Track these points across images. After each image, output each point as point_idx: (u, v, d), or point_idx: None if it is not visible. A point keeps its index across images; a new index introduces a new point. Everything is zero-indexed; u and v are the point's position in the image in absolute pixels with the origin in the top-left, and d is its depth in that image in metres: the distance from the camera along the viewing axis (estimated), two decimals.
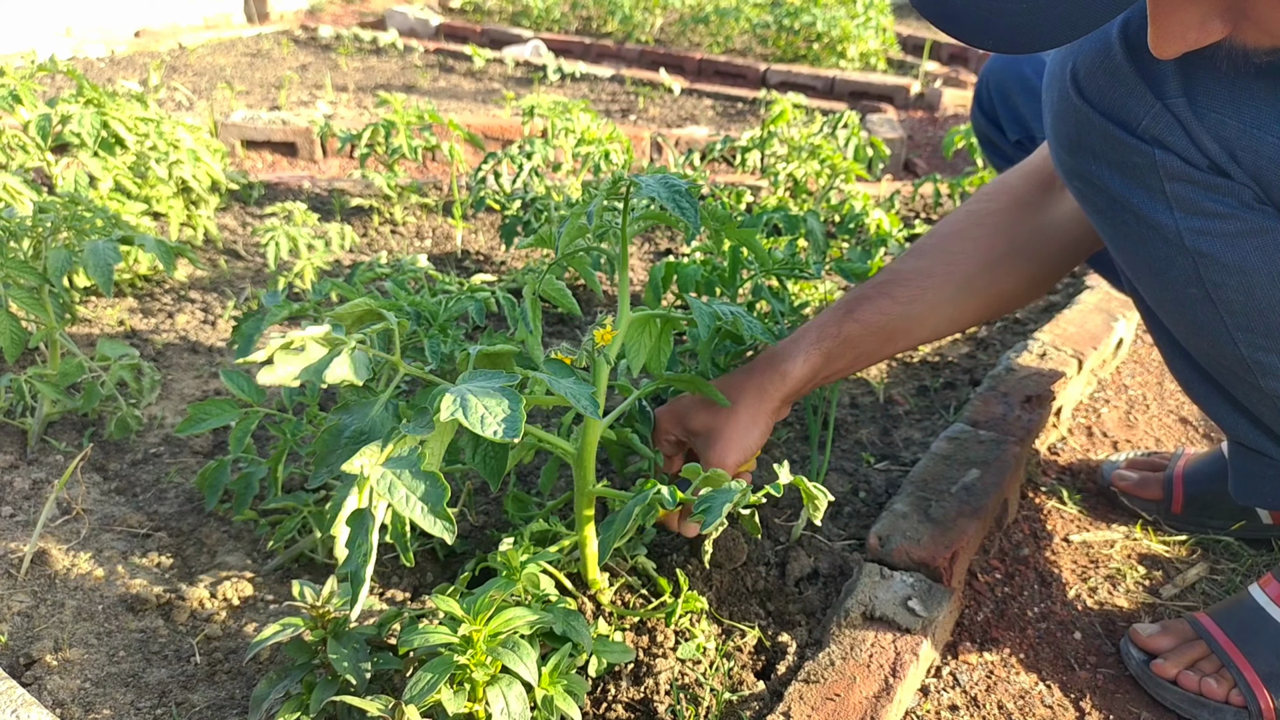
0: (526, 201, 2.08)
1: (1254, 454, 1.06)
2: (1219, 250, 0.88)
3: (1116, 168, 0.91)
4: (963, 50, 5.43)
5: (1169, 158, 0.86)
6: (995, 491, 1.34)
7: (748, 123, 3.99)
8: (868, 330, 1.19)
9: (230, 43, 5.17)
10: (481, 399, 0.74)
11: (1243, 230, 0.87)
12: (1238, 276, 0.89)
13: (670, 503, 0.90)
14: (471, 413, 0.73)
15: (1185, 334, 1.01)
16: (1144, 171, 0.89)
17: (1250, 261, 0.88)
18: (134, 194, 2.12)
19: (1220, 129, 0.83)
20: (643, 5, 5.58)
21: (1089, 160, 0.93)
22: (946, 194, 2.67)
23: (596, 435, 1.02)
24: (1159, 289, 0.98)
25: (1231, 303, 0.91)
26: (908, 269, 1.22)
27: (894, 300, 1.20)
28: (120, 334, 1.87)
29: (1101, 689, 1.14)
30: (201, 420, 1.18)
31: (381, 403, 0.87)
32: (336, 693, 0.87)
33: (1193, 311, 0.95)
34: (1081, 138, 0.92)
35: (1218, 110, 0.83)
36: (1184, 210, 0.88)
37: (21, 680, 1.02)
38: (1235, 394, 1.02)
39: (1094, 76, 0.89)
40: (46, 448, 1.48)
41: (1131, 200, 0.91)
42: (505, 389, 0.76)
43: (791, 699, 0.99)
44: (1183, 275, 0.92)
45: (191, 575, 1.23)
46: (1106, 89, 0.88)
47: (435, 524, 0.72)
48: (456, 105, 4.02)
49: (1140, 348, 2.06)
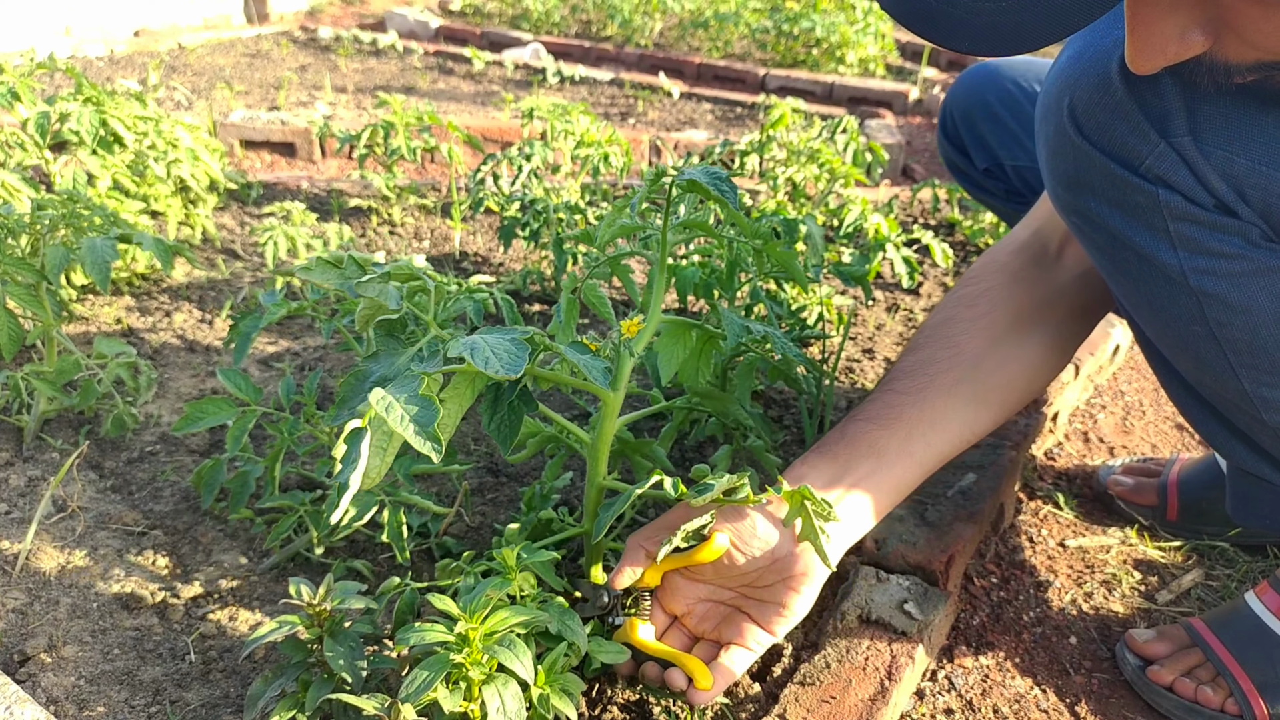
0: (525, 203, 2.08)
1: (1251, 478, 1.05)
2: (1224, 290, 0.86)
3: (1117, 206, 0.87)
4: (961, 57, 5.45)
5: (1173, 197, 0.83)
6: (991, 496, 1.34)
7: (747, 127, 4.00)
8: (875, 424, 1.04)
9: (230, 43, 5.17)
10: (491, 345, 0.79)
11: (1249, 270, 0.84)
12: (1243, 316, 0.86)
13: (672, 492, 0.91)
14: (478, 354, 0.77)
15: (1187, 369, 0.98)
16: (1147, 211, 0.85)
17: (1257, 301, 0.85)
18: (132, 192, 2.12)
19: (1228, 166, 0.80)
20: (642, 9, 5.59)
21: (1088, 197, 0.89)
22: (945, 199, 2.67)
23: (613, 424, 1.01)
24: (1160, 325, 0.95)
25: (1236, 341, 0.88)
26: (907, 364, 1.10)
27: (898, 393, 1.07)
28: (117, 332, 1.87)
29: (1097, 694, 1.14)
30: (199, 418, 1.18)
31: (409, 354, 0.88)
32: (332, 691, 0.87)
33: (1195, 348, 0.92)
34: (1080, 175, 0.89)
35: (1225, 147, 0.79)
36: (1188, 250, 0.85)
37: (16, 677, 1.02)
38: (1236, 423, 1.00)
39: (1093, 113, 0.85)
40: (42, 445, 1.47)
41: (1133, 239, 0.88)
42: (515, 340, 0.80)
43: (787, 701, 0.99)
44: (1185, 314, 0.89)
45: (187, 573, 1.23)
46: (1107, 126, 0.84)
47: (424, 444, 0.73)
48: (456, 107, 4.02)
49: (1136, 354, 2.07)
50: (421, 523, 1.27)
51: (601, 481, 1.04)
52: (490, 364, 0.77)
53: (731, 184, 0.95)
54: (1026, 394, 1.13)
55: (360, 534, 1.29)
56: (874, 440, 1.03)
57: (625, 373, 0.99)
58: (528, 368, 0.78)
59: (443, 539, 1.27)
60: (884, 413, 1.05)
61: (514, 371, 0.76)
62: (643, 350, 1.00)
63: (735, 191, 0.94)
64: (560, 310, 1.07)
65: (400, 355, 0.88)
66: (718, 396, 1.14)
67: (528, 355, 0.78)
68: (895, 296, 2.21)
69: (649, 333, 1.01)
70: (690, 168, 0.96)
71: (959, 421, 1.06)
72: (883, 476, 1.02)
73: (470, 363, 0.77)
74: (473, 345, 0.78)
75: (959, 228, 2.60)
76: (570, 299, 1.08)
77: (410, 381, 0.77)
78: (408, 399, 0.75)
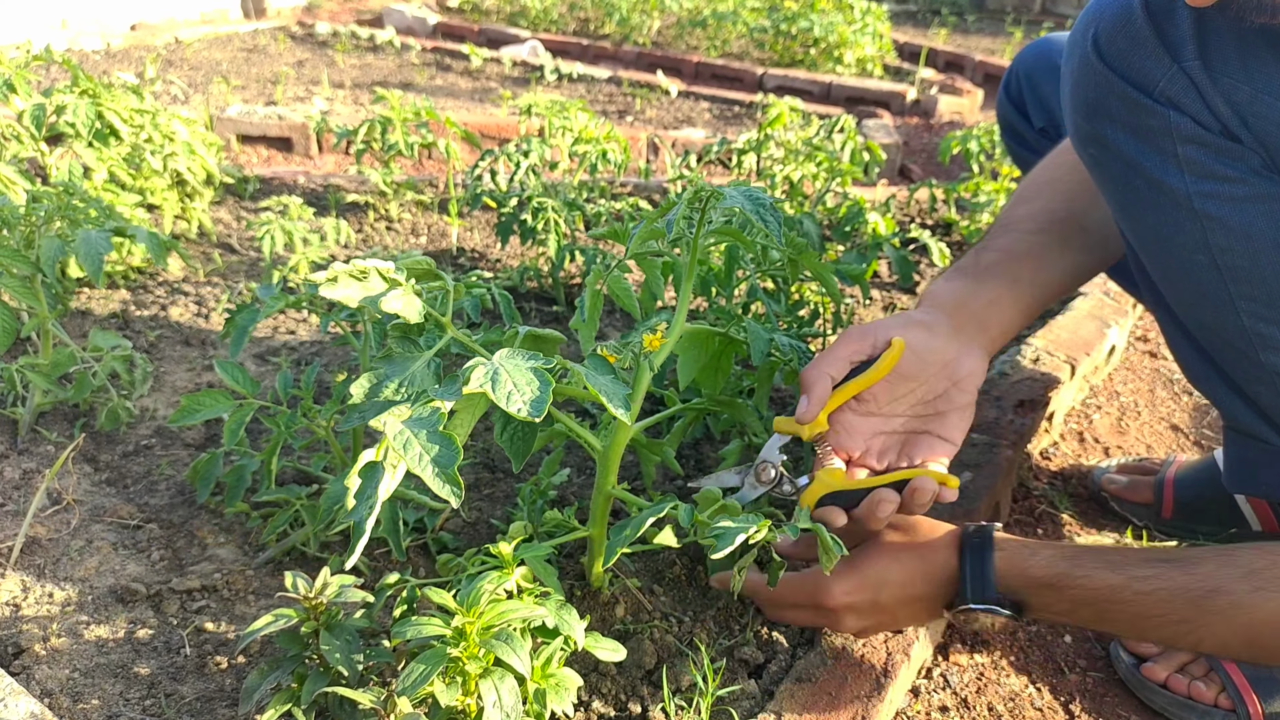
0: (523, 199, 2.08)
1: (1249, 441, 1.07)
2: (1227, 214, 0.90)
3: (1131, 131, 0.92)
4: (959, 58, 5.45)
5: (1183, 120, 0.88)
6: (987, 494, 1.34)
7: (744, 126, 4.00)
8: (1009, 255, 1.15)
9: (227, 38, 5.16)
10: (513, 375, 0.76)
11: (1250, 195, 0.89)
12: (1244, 242, 0.90)
13: (686, 520, 0.90)
14: (500, 387, 0.74)
15: (1189, 305, 1.03)
16: (1158, 134, 0.90)
17: (1256, 227, 0.89)
18: (128, 186, 2.11)
19: (1233, 93, 0.85)
20: (640, 8, 5.59)
21: (1105, 124, 0.94)
22: (942, 199, 2.68)
23: (625, 437, 1.01)
24: (1166, 257, 0.99)
25: (1236, 269, 0.92)
26: (1023, 212, 1.21)
27: (1025, 232, 1.17)
28: (113, 325, 1.86)
29: (1091, 692, 1.14)
30: (195, 411, 1.17)
31: (424, 360, 0.87)
32: (328, 684, 0.87)
33: (1197, 279, 0.96)
34: (1100, 101, 0.94)
35: (1231, 75, 0.85)
36: (1194, 174, 0.90)
37: (10, 669, 1.01)
38: (1234, 374, 1.03)
39: (1115, 40, 0.91)
40: (37, 438, 1.47)
41: (1144, 164, 0.93)
42: (538, 370, 0.77)
43: (783, 697, 0.99)
44: (1190, 241, 0.94)
45: (182, 567, 1.23)
46: (1127, 52, 0.90)
47: (444, 487, 0.72)
48: (453, 103, 4.01)
49: (1132, 355, 2.07)
50: (417, 518, 1.27)
51: (610, 490, 1.03)
52: (513, 400, 0.73)
53: (775, 211, 0.93)
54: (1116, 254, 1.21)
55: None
56: (1007, 268, 1.14)
57: (643, 388, 0.99)
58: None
59: (439, 534, 1.27)
60: (1013, 245, 1.16)
61: (537, 413, 0.73)
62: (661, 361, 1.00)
63: (779, 219, 0.93)
64: (584, 305, 1.05)
65: (415, 360, 0.87)
66: (735, 405, 1.14)
67: (550, 391, 0.75)
68: (892, 295, 2.21)
69: (671, 344, 1.01)
70: (731, 189, 0.94)
71: (1074, 264, 1.18)
72: (1017, 296, 1.13)
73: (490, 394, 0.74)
74: (494, 375, 0.76)
75: (956, 227, 2.60)
76: (595, 294, 1.06)
77: (429, 414, 0.75)
78: (428, 436, 0.73)
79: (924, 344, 1.04)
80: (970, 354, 1.05)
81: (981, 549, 0.99)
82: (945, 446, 1.04)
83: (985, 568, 0.97)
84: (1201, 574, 0.91)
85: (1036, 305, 1.15)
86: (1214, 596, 0.89)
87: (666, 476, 1.45)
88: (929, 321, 1.06)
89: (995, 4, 8.24)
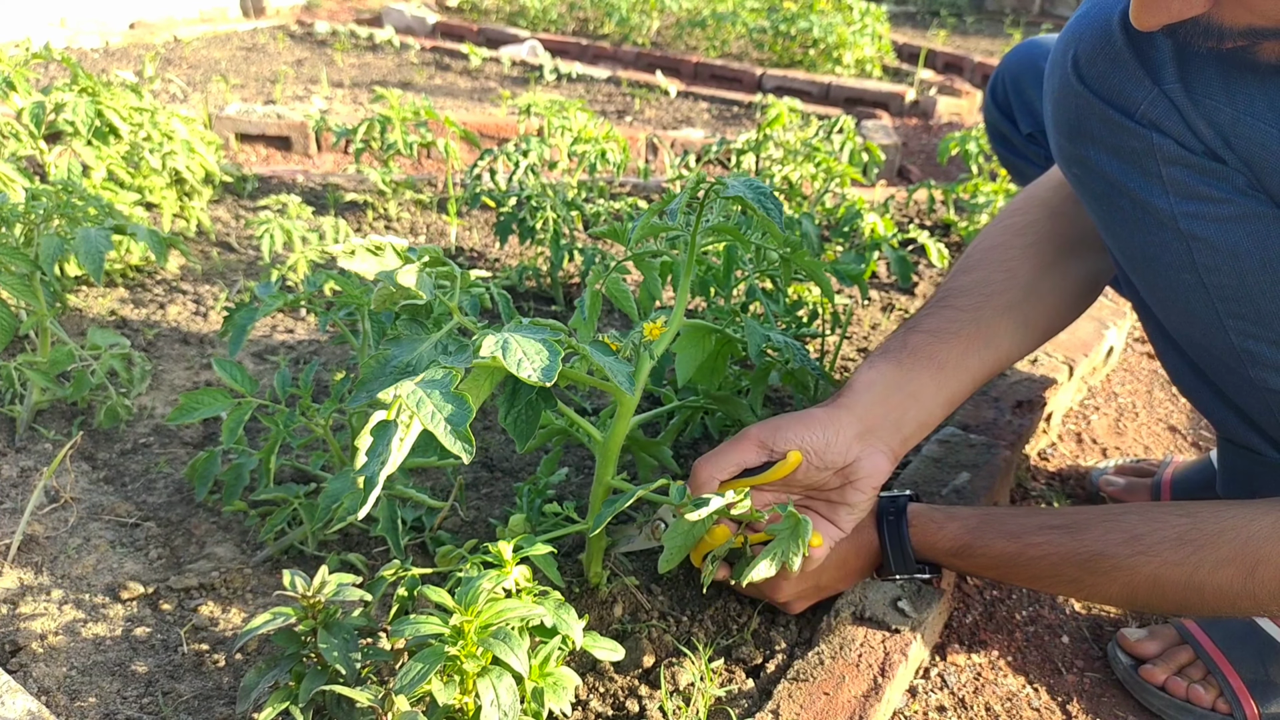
0: (522, 199, 2.08)
1: (1243, 451, 1.07)
2: (1212, 234, 0.90)
3: (1114, 152, 0.92)
4: (958, 59, 5.46)
5: (1166, 142, 0.88)
6: (985, 495, 1.34)
7: (743, 126, 4.00)
8: (935, 337, 1.12)
9: (226, 36, 5.16)
10: (523, 345, 0.78)
11: (1235, 215, 0.88)
12: (1230, 261, 0.90)
13: (678, 498, 0.92)
14: (510, 354, 0.76)
15: (1177, 323, 1.02)
16: (1141, 155, 0.90)
17: (1242, 246, 0.89)
18: (127, 184, 2.11)
19: (1215, 115, 0.85)
20: (640, 8, 5.59)
21: (1087, 145, 0.94)
22: (940, 200, 2.68)
23: (626, 424, 1.01)
24: (1152, 276, 0.99)
25: (1223, 288, 0.92)
26: (962, 283, 1.17)
27: (957, 309, 1.14)
28: (111, 324, 1.86)
29: (1088, 693, 1.14)
30: (193, 409, 1.17)
31: (432, 341, 0.88)
32: (326, 683, 0.87)
33: (1185, 298, 0.96)
34: (1081, 123, 0.93)
35: (1213, 97, 0.84)
36: (1179, 194, 0.90)
37: (7, 667, 1.01)
38: (1225, 388, 1.03)
39: (1095, 62, 0.90)
40: (35, 436, 1.47)
41: (1128, 185, 0.92)
42: (547, 340, 0.79)
43: (781, 697, 0.99)
44: (1176, 260, 0.93)
45: (180, 565, 1.23)
46: (1107, 74, 0.89)
47: (456, 444, 0.72)
48: (452, 103, 4.01)
49: (1130, 356, 2.07)
50: (416, 517, 1.27)
51: (609, 481, 1.04)
52: (523, 367, 0.75)
53: (776, 200, 0.94)
54: (1064, 323, 1.22)
55: (354, 528, 1.29)
56: (934, 352, 1.11)
57: (644, 375, 1.00)
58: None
59: (437, 533, 1.27)
60: (944, 326, 1.13)
61: (548, 379, 0.74)
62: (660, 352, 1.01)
63: (780, 208, 0.94)
64: (584, 305, 1.06)
65: (423, 341, 0.88)
66: (732, 401, 1.15)
67: (559, 359, 0.76)
68: (890, 296, 2.21)
69: (670, 336, 1.01)
70: (733, 179, 0.95)
71: (1009, 342, 1.14)
72: (940, 386, 1.10)
73: (501, 361, 0.75)
74: (504, 344, 0.77)
75: (954, 228, 2.60)
76: (595, 294, 1.07)
77: (441, 377, 0.76)
78: (441, 395, 0.74)
79: (823, 447, 1.04)
80: (873, 457, 1.05)
81: (897, 524, 1.11)
82: (831, 530, 1.08)
83: (903, 542, 1.11)
84: (1088, 539, 1.01)
85: (962, 393, 1.13)
86: (1098, 560, 0.99)
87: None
88: (834, 423, 1.05)
89: (994, 5, 8.25)
